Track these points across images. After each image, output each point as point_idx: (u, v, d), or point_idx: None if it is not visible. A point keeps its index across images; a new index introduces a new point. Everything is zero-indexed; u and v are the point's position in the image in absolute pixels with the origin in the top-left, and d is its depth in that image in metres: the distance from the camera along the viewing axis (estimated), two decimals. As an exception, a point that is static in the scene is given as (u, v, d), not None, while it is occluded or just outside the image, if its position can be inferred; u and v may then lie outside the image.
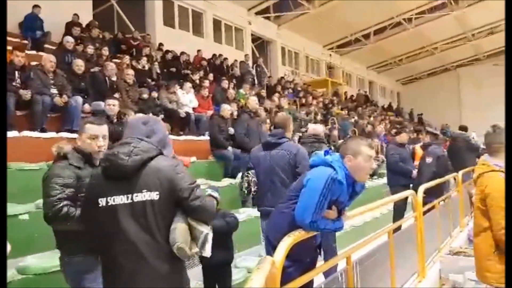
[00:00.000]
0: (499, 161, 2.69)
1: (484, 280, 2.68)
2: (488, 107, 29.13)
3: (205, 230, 1.90)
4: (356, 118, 14.03)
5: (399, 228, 4.68)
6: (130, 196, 1.82)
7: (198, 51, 12.11)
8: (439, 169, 5.89)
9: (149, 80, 8.53)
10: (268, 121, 8.59)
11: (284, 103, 10.15)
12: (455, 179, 6.52)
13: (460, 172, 6.36)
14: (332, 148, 7.65)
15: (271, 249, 2.46)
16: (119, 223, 1.81)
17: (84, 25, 9.30)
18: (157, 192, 1.82)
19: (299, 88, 14.99)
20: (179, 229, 1.83)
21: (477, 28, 23.17)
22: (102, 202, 1.84)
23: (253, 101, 6.31)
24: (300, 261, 2.50)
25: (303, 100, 13.26)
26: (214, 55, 12.59)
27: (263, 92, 11.25)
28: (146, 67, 8.77)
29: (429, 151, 6.18)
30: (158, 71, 9.35)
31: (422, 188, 4.92)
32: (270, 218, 2.72)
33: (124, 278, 1.83)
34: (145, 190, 1.82)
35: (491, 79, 29.43)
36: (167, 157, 1.96)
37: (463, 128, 9.09)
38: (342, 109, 14.87)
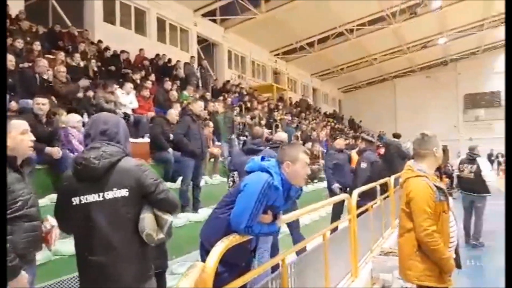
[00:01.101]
0: (424, 167, 2.85)
1: (406, 278, 2.84)
2: (421, 116, 31.38)
3: (169, 219, 2.17)
4: (299, 124, 14.37)
5: (336, 229, 4.89)
6: (101, 194, 2.06)
7: (140, 50, 11.71)
8: (373, 173, 6.19)
9: (85, 78, 8.09)
10: (211, 124, 8.52)
11: (220, 107, 10.03)
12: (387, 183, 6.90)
13: (392, 177, 6.74)
14: None
15: (204, 254, 2.42)
16: (92, 218, 2.05)
17: (13, 16, 8.61)
18: (126, 190, 2.07)
19: (245, 92, 15.07)
20: (147, 219, 2.10)
21: (412, 42, 24.82)
22: (75, 201, 2.08)
23: (198, 106, 6.22)
24: (235, 265, 2.52)
25: (248, 104, 13.36)
26: (157, 55, 12.26)
27: (208, 95, 11.15)
28: (82, 64, 8.32)
29: (364, 156, 6.47)
30: (95, 69, 8.90)
31: (356, 192, 5.15)
32: (205, 223, 2.69)
33: (96, 269, 2.04)
34: (115, 188, 2.07)
35: (424, 90, 31.77)
36: (131, 158, 2.22)
37: (396, 136, 9.67)
38: (286, 115, 15.17)
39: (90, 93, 7.33)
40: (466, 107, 31.59)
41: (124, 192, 2.07)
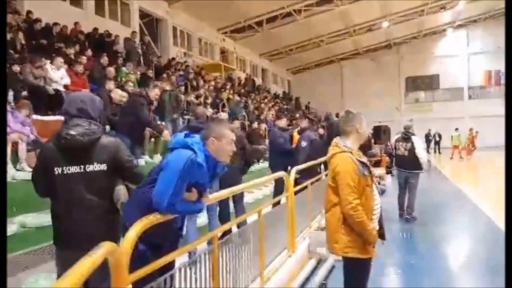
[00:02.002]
0: (349, 143, 2.93)
1: (332, 251, 2.92)
2: (366, 97, 32.62)
3: None
4: (246, 104, 14.33)
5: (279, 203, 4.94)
6: (83, 167, 2.38)
7: (76, 23, 10.91)
8: (312, 152, 6.30)
9: (12, 52, 7.42)
10: (155, 103, 8.21)
11: (167, 86, 9.74)
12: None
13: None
14: None
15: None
16: (72, 187, 2.37)
17: None
18: (105, 164, 2.41)
19: (191, 71, 14.68)
20: (122, 190, 2.49)
21: (358, 25, 25.45)
22: (58, 170, 2.36)
23: (116, 94, 5.93)
24: (159, 244, 2.43)
25: (194, 83, 13.04)
26: (95, 29, 11.51)
27: (150, 73, 10.69)
28: (8, 37, 7.58)
29: (304, 135, 6.56)
30: (23, 42, 8.17)
31: (294, 170, 5.23)
32: (127, 203, 2.57)
33: (71, 226, 2.37)
34: (96, 163, 2.40)
35: (369, 72, 32.95)
36: (108, 136, 2.55)
37: (339, 116, 9.92)
38: (233, 94, 15.04)
39: (17, 68, 6.73)
40: (408, 90, 33.25)
41: (103, 167, 2.41)
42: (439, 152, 25.67)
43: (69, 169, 2.36)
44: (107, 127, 6.23)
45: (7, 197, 2.58)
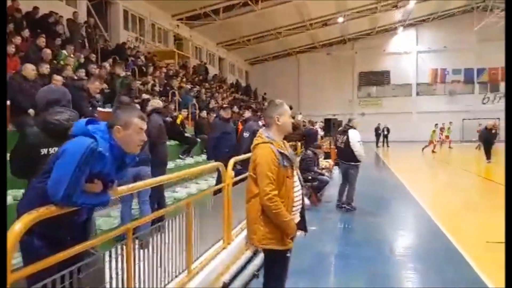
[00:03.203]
0: (271, 134, 2.89)
1: (251, 242, 2.89)
2: (321, 91, 33.27)
3: None
4: (199, 92, 14.06)
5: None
6: None
7: (14, 0, 10.12)
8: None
9: None
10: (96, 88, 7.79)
11: (119, 71, 9.37)
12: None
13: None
14: None
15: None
16: None
17: None
18: None
19: (142, 57, 14.16)
20: None
21: (314, 19, 25.75)
22: (44, 151, 2.61)
23: (27, 69, 5.56)
24: (58, 239, 2.24)
25: (144, 70, 12.58)
26: (35, 7, 10.73)
27: (93, 57, 10.14)
28: None
29: (246, 126, 6.52)
30: None
31: (232, 160, 5.15)
32: (23, 195, 2.37)
33: None
34: None
35: (325, 66, 33.58)
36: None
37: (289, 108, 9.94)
38: (186, 83, 14.69)
39: None
40: (360, 84, 34.26)
41: None
42: (387, 146, 26.73)
43: (54, 149, 2.53)
44: (31, 112, 5.78)
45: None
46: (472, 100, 32.06)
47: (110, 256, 2.50)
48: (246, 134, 6.28)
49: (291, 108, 10.36)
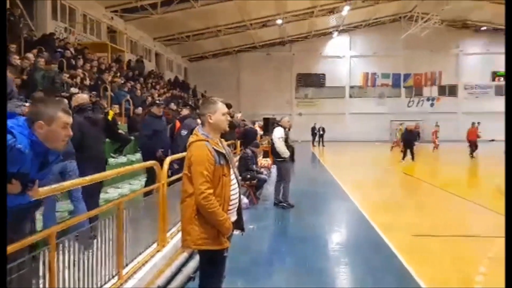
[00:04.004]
0: (206, 131, 2.82)
1: (184, 244, 2.78)
2: (261, 90, 33.66)
3: None
4: (133, 88, 13.44)
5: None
6: None
7: None
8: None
9: None
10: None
11: (42, 63, 8.63)
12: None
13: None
14: None
15: None
16: None
17: None
18: None
19: (71, 49, 13.21)
20: None
21: (254, 19, 25.95)
22: None
23: None
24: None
25: (73, 62, 11.74)
26: None
27: (13, 48, 9.22)
28: None
29: (184, 124, 6.33)
30: None
31: (168, 159, 4.96)
32: None
33: None
34: None
35: (264, 67, 34.04)
36: None
37: (228, 106, 9.85)
38: (120, 77, 13.97)
39: None
40: (298, 85, 35.24)
41: None
42: (323, 145, 27.76)
43: None
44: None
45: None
46: (399, 103, 34.43)
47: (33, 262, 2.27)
48: (184, 132, 6.10)
49: (230, 106, 10.31)
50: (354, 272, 4.62)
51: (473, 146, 18.04)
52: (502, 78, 33.70)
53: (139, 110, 10.39)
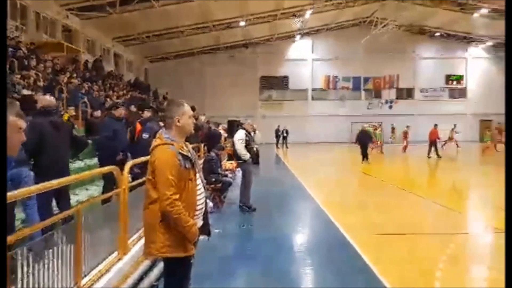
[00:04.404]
0: (171, 135, 2.73)
1: (149, 252, 2.67)
2: (225, 93, 33.49)
3: None
4: (90, 89, 12.92)
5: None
6: None
7: None
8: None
9: None
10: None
11: None
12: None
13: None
14: None
15: None
16: None
17: None
18: None
19: (23, 48, 12.51)
20: None
21: (217, 21, 25.78)
22: None
23: None
24: None
25: (25, 62, 11.12)
26: None
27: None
28: None
29: (146, 127, 6.12)
30: None
31: (129, 164, 4.77)
32: None
33: None
34: None
35: (229, 68, 33.91)
36: None
37: (192, 109, 9.66)
38: (76, 78, 13.39)
39: None
40: (262, 87, 35.40)
41: None
42: (286, 147, 28.03)
43: None
44: None
45: None
46: (359, 105, 35.43)
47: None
48: (145, 135, 5.89)
49: (194, 109, 10.15)
50: (320, 273, 4.64)
51: (434, 146, 18.95)
52: (455, 82, 35.58)
53: (98, 113, 9.97)
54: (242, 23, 26.19)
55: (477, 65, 35.43)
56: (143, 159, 5.43)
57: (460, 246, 5.43)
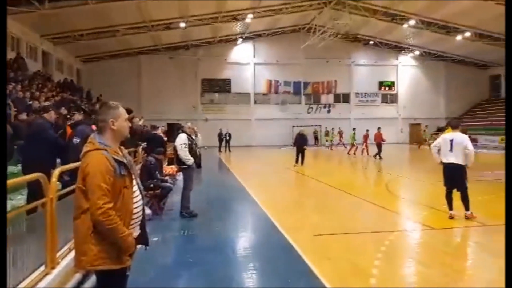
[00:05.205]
0: (105, 139, 2.57)
1: (79, 265, 2.48)
2: (165, 95, 32.64)
3: None
4: (13, 89, 11.87)
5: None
6: None
7: None
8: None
9: None
10: None
11: None
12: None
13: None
14: None
15: None
16: None
17: None
18: None
19: None
20: None
21: (156, 21, 25.05)
22: None
23: None
24: None
25: None
26: None
27: None
28: None
29: (77, 130, 5.72)
30: None
31: (57, 171, 4.43)
32: None
33: None
34: None
35: (168, 70, 33.12)
36: None
37: (128, 111, 9.20)
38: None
39: None
40: (204, 90, 35.02)
41: None
42: (229, 150, 27.97)
43: None
44: None
45: None
46: (300, 109, 36.41)
47: None
48: (76, 140, 5.48)
49: (130, 111, 9.71)
50: (262, 276, 4.62)
51: (379, 148, 20.03)
52: (387, 88, 37.91)
53: (23, 115, 9.17)
54: (182, 24, 25.73)
55: (406, 72, 38.09)
56: (73, 165, 5.08)
57: (391, 243, 5.72)
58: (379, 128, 20.81)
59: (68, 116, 8.07)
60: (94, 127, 7.29)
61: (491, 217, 7.08)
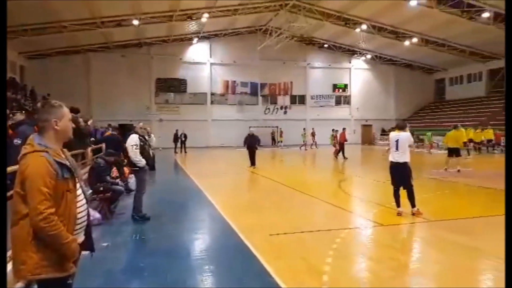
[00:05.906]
0: (46, 141, 2.42)
1: (18, 274, 2.32)
2: (116, 94, 31.54)
3: None
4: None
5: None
6: None
7: None
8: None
9: None
10: None
11: None
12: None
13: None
14: None
15: None
16: None
17: None
18: None
19: None
20: None
21: (106, 17, 24.15)
22: None
23: None
24: None
25: None
26: None
27: None
28: None
29: (19, 131, 5.37)
30: None
31: None
32: None
33: None
34: None
35: (119, 69, 32.04)
36: None
37: (75, 110, 8.76)
38: None
39: None
40: (158, 90, 34.22)
41: None
42: (185, 152, 27.53)
43: None
44: None
45: None
46: (257, 110, 36.64)
47: None
48: (17, 141, 5.14)
49: (78, 111, 9.27)
50: (218, 278, 4.58)
51: (342, 148, 20.69)
52: (341, 90, 39.12)
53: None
54: (135, 22, 25.01)
55: (359, 75, 39.53)
56: (12, 168, 4.75)
57: (343, 241, 5.88)
58: (344, 129, 21.73)
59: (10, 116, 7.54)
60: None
61: (435, 214, 7.49)
